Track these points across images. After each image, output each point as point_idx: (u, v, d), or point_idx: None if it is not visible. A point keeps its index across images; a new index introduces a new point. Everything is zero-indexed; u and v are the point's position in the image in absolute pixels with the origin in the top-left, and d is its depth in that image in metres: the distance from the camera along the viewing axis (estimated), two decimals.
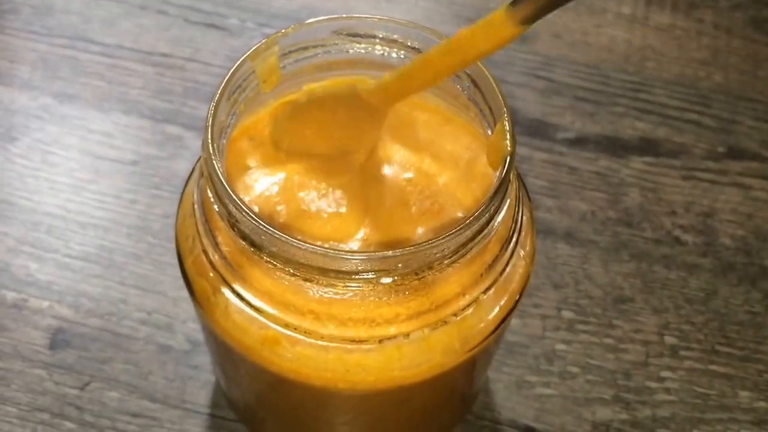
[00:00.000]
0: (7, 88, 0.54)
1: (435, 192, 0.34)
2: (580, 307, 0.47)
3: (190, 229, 0.32)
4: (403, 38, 0.34)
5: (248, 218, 0.28)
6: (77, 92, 0.54)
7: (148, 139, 0.52)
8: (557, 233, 0.49)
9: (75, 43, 0.56)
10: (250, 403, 0.39)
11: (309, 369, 0.30)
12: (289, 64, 0.34)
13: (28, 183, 0.50)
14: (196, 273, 0.32)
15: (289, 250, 0.28)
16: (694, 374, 0.45)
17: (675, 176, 0.52)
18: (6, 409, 0.43)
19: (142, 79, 0.55)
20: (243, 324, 0.31)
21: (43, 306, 0.46)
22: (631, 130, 0.54)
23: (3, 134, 0.52)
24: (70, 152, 0.52)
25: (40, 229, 0.49)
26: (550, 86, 0.55)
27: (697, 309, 0.47)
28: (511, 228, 0.32)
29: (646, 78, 0.56)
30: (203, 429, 0.43)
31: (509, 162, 0.30)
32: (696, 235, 0.50)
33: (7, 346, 0.45)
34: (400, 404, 0.34)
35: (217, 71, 0.55)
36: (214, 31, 0.57)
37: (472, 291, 0.31)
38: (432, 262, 0.28)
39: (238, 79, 0.31)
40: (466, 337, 0.31)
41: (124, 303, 0.46)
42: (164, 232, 0.48)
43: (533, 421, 0.44)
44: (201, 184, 0.31)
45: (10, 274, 0.47)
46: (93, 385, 0.44)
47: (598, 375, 0.45)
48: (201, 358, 0.44)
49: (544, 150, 0.53)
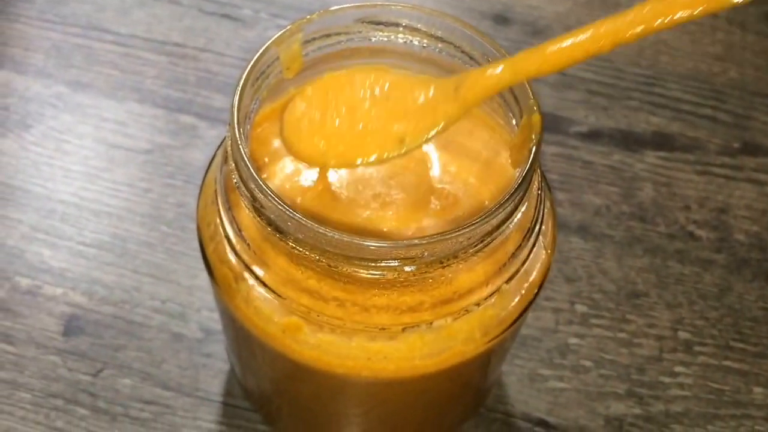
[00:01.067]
0: (21, 75, 0.54)
1: (456, 182, 0.34)
2: (593, 301, 0.47)
3: (212, 215, 0.32)
4: (427, 27, 0.34)
5: (274, 203, 0.28)
6: (91, 81, 0.54)
7: (161, 128, 0.52)
8: (570, 227, 0.49)
9: (89, 32, 0.56)
10: (266, 392, 0.39)
11: (330, 356, 0.30)
12: (311, 51, 0.34)
13: (43, 170, 0.50)
14: (217, 260, 0.32)
15: (314, 237, 0.27)
16: (708, 370, 0.45)
17: (689, 171, 0.52)
18: (20, 395, 0.43)
19: (155, 69, 0.55)
20: (264, 310, 0.31)
21: (57, 293, 0.46)
22: (645, 124, 0.54)
23: (18, 122, 0.52)
24: (84, 140, 0.52)
25: (54, 217, 0.49)
26: (563, 80, 0.55)
27: (711, 304, 0.47)
28: (534, 218, 0.32)
29: (660, 72, 0.56)
30: (216, 417, 0.43)
31: (535, 151, 0.30)
32: (710, 230, 0.50)
33: (21, 333, 0.45)
34: (419, 394, 0.34)
35: (231, 62, 0.55)
36: (227, 22, 0.57)
37: (494, 280, 0.31)
38: (457, 251, 0.28)
39: (263, 64, 0.31)
40: (487, 326, 0.31)
41: (137, 291, 0.46)
42: (178, 221, 0.48)
43: (546, 415, 0.44)
44: (225, 170, 0.30)
45: (25, 260, 0.47)
46: (106, 372, 0.44)
47: (611, 369, 0.45)
48: (214, 347, 0.44)
49: (557, 144, 0.53)
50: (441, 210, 0.33)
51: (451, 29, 0.33)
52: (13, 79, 0.54)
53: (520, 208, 0.30)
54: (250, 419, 0.43)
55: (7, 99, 0.53)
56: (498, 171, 0.34)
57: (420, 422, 0.38)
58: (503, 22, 0.58)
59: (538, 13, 0.58)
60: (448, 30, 0.33)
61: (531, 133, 0.30)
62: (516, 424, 0.44)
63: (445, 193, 0.34)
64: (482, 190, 0.33)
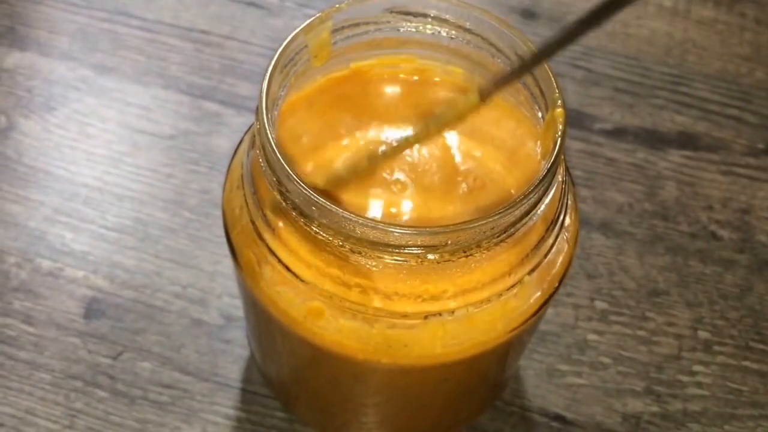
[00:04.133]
0: (46, 58, 0.54)
1: (481, 171, 0.34)
2: (613, 298, 0.47)
3: (238, 200, 0.32)
4: (456, 18, 0.34)
5: (300, 187, 0.28)
6: (116, 65, 0.54)
7: (185, 114, 0.52)
8: (592, 223, 0.49)
9: (115, 17, 0.57)
10: (286, 378, 0.39)
11: (352, 342, 0.30)
12: (340, 40, 0.34)
13: (66, 153, 0.51)
14: (242, 244, 0.32)
15: (339, 222, 0.28)
16: (727, 370, 0.45)
17: (713, 171, 0.51)
18: (40, 375, 0.43)
19: (181, 55, 0.55)
20: (287, 295, 0.31)
21: (79, 275, 0.46)
22: (670, 123, 0.53)
23: (42, 104, 0.52)
24: (108, 124, 0.52)
25: (77, 200, 0.49)
26: (588, 76, 0.55)
27: (731, 305, 0.47)
28: (557, 210, 0.32)
29: (687, 72, 0.55)
30: (234, 402, 0.43)
31: (560, 143, 0.29)
32: (732, 230, 0.49)
33: (42, 314, 0.45)
34: (438, 383, 0.34)
35: (256, 50, 0.56)
36: (253, 10, 0.57)
37: (517, 271, 0.31)
38: (481, 240, 0.28)
39: (291, 51, 0.31)
40: (509, 317, 0.31)
41: (158, 276, 0.46)
42: (200, 207, 0.49)
43: (563, 410, 0.44)
44: (252, 155, 0.31)
45: (47, 242, 0.47)
46: (126, 355, 0.44)
47: (630, 366, 0.45)
48: (234, 333, 0.45)
49: (580, 140, 0.53)
50: (468, 194, 0.33)
51: (480, 21, 0.33)
52: (38, 61, 0.54)
53: (544, 199, 0.30)
54: (267, 405, 0.43)
55: (31, 81, 0.53)
56: (523, 161, 0.34)
57: (437, 412, 0.39)
58: (530, 16, 0.57)
59: (566, 8, 0.58)
60: (477, 21, 0.33)
61: (556, 126, 0.30)
62: (533, 419, 0.44)
63: (472, 177, 0.34)
64: (508, 179, 0.33)
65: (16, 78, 0.53)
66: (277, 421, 0.43)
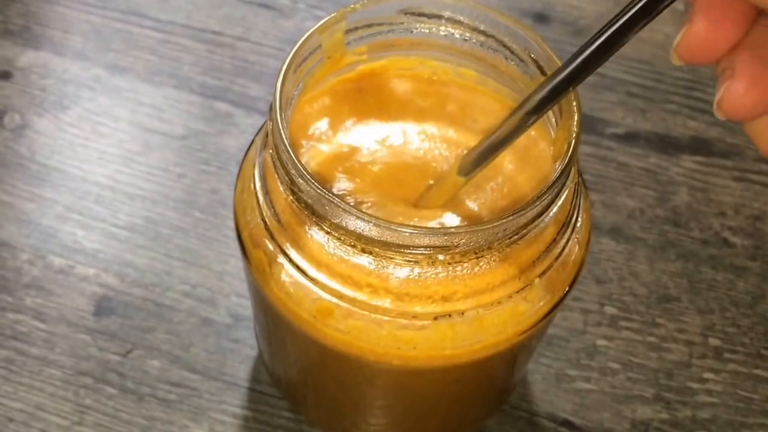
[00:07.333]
0: (59, 57, 0.55)
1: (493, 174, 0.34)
2: (623, 304, 0.47)
3: (249, 200, 0.32)
4: (470, 19, 0.34)
5: (312, 186, 0.28)
6: (129, 65, 0.55)
7: (197, 114, 0.53)
8: (602, 228, 0.49)
9: (128, 17, 0.57)
10: (294, 378, 0.39)
11: (361, 342, 0.30)
12: (353, 40, 0.34)
13: (78, 152, 0.51)
14: (253, 244, 0.32)
15: (351, 221, 0.27)
16: (738, 377, 0.45)
17: (726, 177, 0.51)
18: (50, 372, 0.43)
19: (193, 56, 0.55)
20: (297, 295, 0.31)
21: (89, 273, 0.46)
22: (683, 128, 0.53)
23: (55, 102, 0.53)
24: (120, 124, 0.52)
25: (89, 198, 0.49)
26: (601, 81, 0.55)
27: (743, 312, 0.47)
28: (569, 213, 0.32)
29: (701, 77, 0.55)
30: (242, 402, 0.43)
31: (575, 145, 0.29)
32: (745, 237, 0.49)
33: (52, 311, 0.45)
34: (446, 385, 0.34)
35: (267, 51, 0.56)
36: (265, 11, 0.57)
37: (527, 273, 0.31)
38: (492, 242, 0.28)
39: (305, 51, 0.31)
40: (518, 319, 0.31)
41: (168, 275, 0.46)
42: (211, 207, 0.49)
43: (571, 416, 0.44)
44: (264, 155, 0.31)
45: (58, 240, 0.47)
46: (135, 352, 0.44)
47: (639, 373, 0.45)
48: (242, 333, 0.45)
49: (592, 144, 0.52)
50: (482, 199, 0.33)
51: (495, 23, 0.33)
52: (51, 60, 0.55)
53: (557, 201, 0.30)
54: (275, 405, 0.43)
55: (45, 80, 0.54)
56: (536, 163, 0.34)
57: (445, 414, 0.38)
58: (543, 20, 0.57)
59: (579, 12, 0.57)
60: (492, 23, 0.33)
61: (571, 128, 0.30)
62: (540, 423, 0.43)
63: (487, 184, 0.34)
64: (520, 180, 0.33)
65: (30, 77, 0.54)
66: (285, 421, 0.43)
